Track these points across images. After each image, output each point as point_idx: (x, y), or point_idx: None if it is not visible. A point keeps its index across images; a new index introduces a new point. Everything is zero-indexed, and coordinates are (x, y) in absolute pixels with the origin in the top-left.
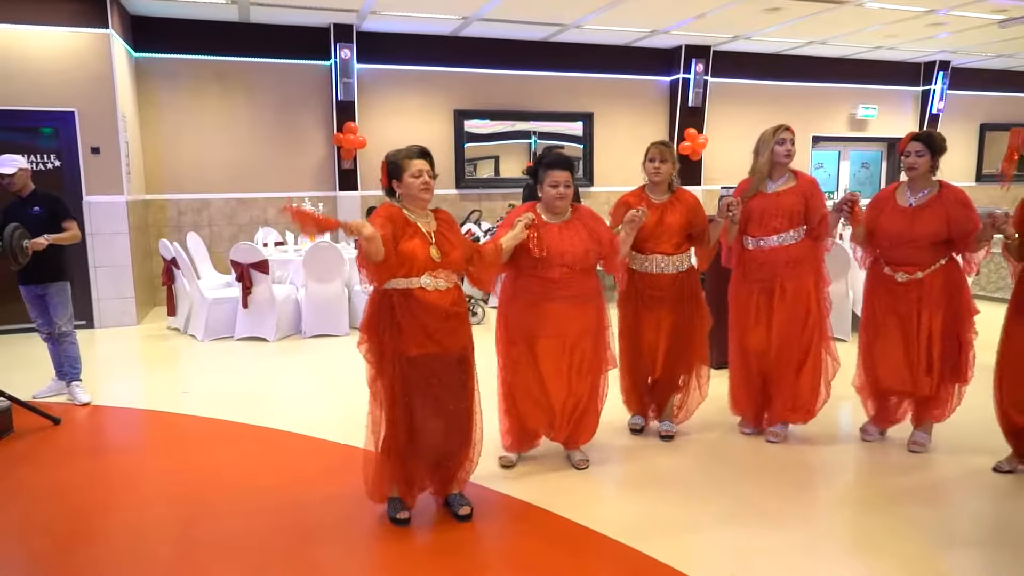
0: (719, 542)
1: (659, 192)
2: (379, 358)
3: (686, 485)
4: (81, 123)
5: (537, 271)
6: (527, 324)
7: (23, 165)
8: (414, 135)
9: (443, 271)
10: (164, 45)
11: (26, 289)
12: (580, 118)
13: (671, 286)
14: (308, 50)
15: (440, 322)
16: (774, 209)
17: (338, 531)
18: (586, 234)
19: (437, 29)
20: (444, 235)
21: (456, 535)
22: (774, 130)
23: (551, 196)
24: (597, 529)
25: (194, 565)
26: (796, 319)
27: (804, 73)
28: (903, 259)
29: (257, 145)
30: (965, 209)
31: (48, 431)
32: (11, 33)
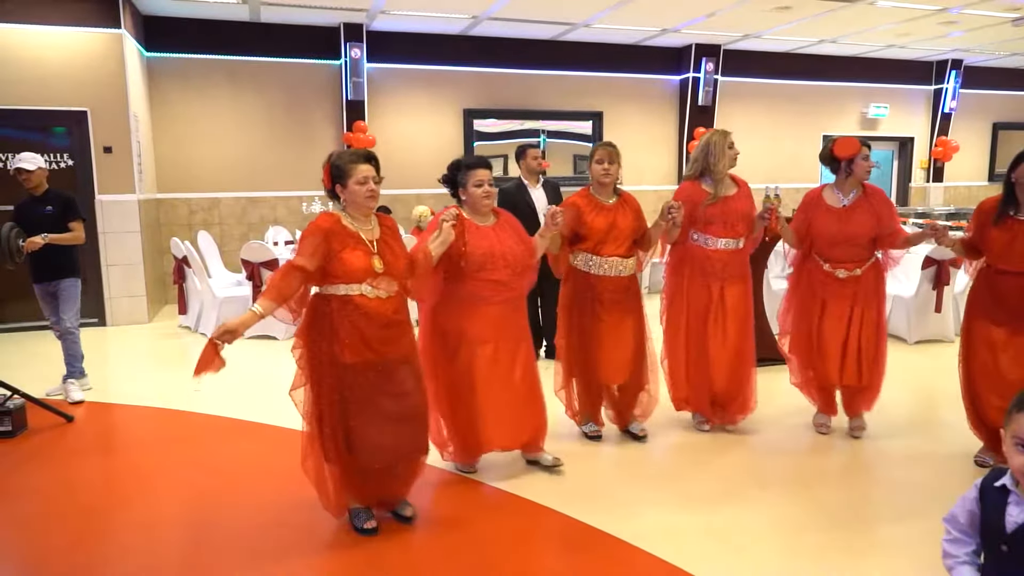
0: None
1: (607, 194)
2: (315, 364)
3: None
4: (94, 123)
5: (481, 274)
6: (465, 329)
7: (42, 164)
8: (423, 134)
9: (384, 279)
10: (176, 45)
11: (40, 287)
12: (589, 117)
13: (628, 288)
14: (318, 49)
15: (379, 330)
16: (736, 213)
17: (348, 529)
18: (516, 236)
19: (446, 28)
20: (387, 243)
21: (460, 534)
22: (723, 135)
23: (479, 195)
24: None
25: (205, 562)
26: (748, 317)
27: (815, 72)
28: (843, 257)
29: (267, 144)
30: (888, 207)
31: (61, 428)
32: (25, 33)
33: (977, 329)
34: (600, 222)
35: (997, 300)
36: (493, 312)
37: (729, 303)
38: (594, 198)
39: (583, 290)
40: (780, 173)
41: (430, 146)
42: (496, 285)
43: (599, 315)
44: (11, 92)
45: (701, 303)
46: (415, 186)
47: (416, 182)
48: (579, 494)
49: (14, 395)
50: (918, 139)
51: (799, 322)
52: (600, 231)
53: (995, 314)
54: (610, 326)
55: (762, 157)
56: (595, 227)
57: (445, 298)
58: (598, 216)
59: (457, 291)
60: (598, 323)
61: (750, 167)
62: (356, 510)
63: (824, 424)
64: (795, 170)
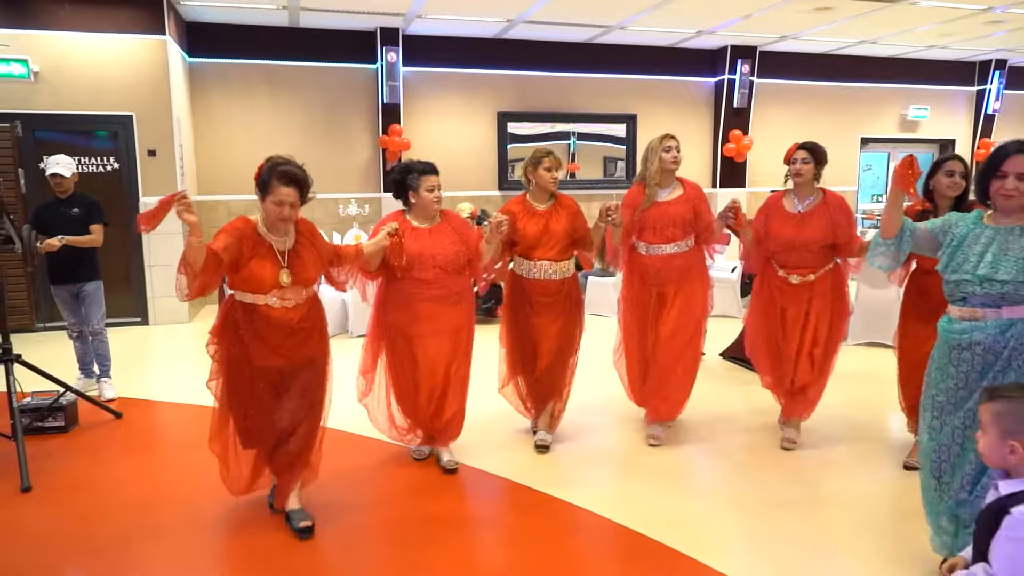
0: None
1: (543, 199)
2: (229, 362)
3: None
4: (139, 127)
5: (412, 273)
6: (404, 324)
7: (74, 169)
8: (458, 137)
9: (292, 289)
10: (217, 50)
11: (61, 289)
12: (623, 120)
13: (559, 292)
14: (355, 54)
15: (285, 337)
16: (668, 218)
17: (393, 529)
18: (456, 236)
19: (481, 32)
20: (299, 253)
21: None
22: (660, 138)
23: (429, 200)
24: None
25: (248, 556)
26: (687, 323)
27: (853, 73)
28: (796, 262)
29: (305, 147)
30: (846, 215)
31: (110, 424)
32: (75, 40)
33: (910, 329)
34: (532, 228)
35: (924, 298)
36: (425, 308)
37: (664, 308)
38: (529, 204)
39: (517, 293)
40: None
41: (464, 149)
42: (424, 283)
43: (529, 317)
44: (62, 97)
45: (639, 308)
46: (450, 188)
47: (451, 184)
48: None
49: (66, 392)
50: (960, 141)
51: (760, 328)
52: (531, 236)
53: (923, 311)
54: (538, 328)
55: None
56: (526, 232)
57: (388, 297)
58: (530, 221)
59: (396, 288)
60: (529, 326)
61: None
62: (291, 512)
63: (791, 439)
64: (832, 173)
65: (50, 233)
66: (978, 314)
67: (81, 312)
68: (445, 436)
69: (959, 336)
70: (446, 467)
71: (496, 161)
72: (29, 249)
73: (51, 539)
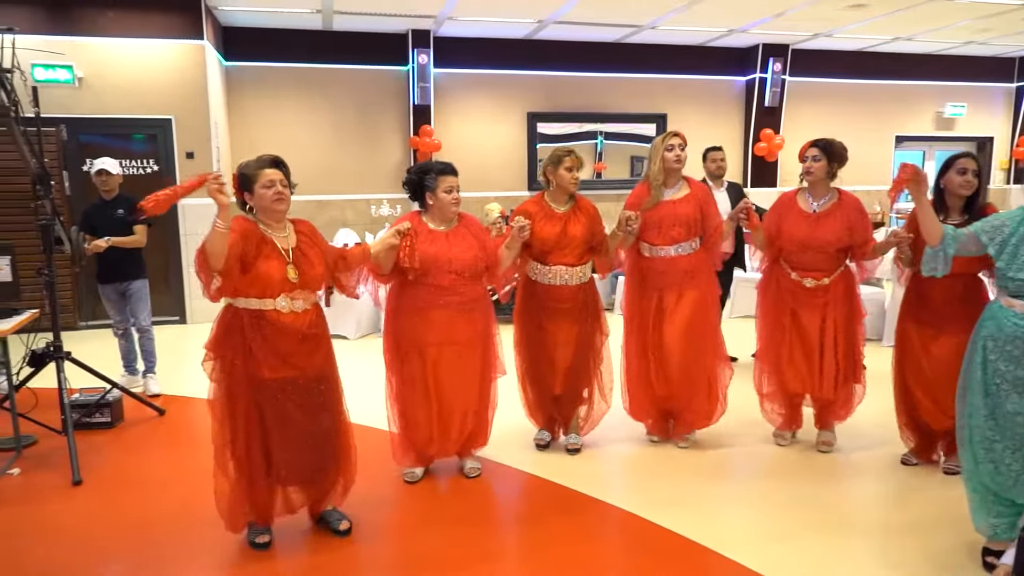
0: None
1: (562, 201)
2: (228, 379)
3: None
4: (178, 129)
5: (426, 278)
6: (417, 333)
7: (119, 169)
8: (487, 138)
9: (300, 292)
10: (252, 54)
11: (109, 287)
12: (653, 119)
13: (574, 297)
14: (386, 56)
15: (296, 345)
16: (672, 218)
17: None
18: (473, 241)
19: (512, 33)
20: (303, 251)
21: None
22: (663, 137)
23: (448, 201)
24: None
25: (292, 550)
26: (696, 327)
27: (888, 70)
28: (810, 264)
29: (337, 148)
30: (862, 216)
31: (153, 421)
32: (117, 46)
33: (909, 331)
34: (549, 230)
35: (924, 302)
36: (440, 316)
37: (667, 312)
38: (546, 205)
39: (532, 298)
40: (850, 175)
41: (494, 149)
42: (440, 290)
43: (542, 324)
44: (105, 101)
45: (642, 312)
46: (480, 188)
47: (480, 185)
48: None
49: (112, 388)
50: (998, 139)
51: (769, 332)
52: (548, 239)
53: (923, 315)
54: (551, 334)
55: None
56: (542, 235)
57: (401, 302)
58: (547, 224)
59: (408, 295)
60: (541, 332)
61: None
62: (251, 526)
63: (783, 437)
64: (866, 172)
65: (97, 234)
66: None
67: (127, 310)
68: (467, 448)
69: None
70: (468, 474)
71: (525, 161)
72: (77, 250)
73: (103, 531)
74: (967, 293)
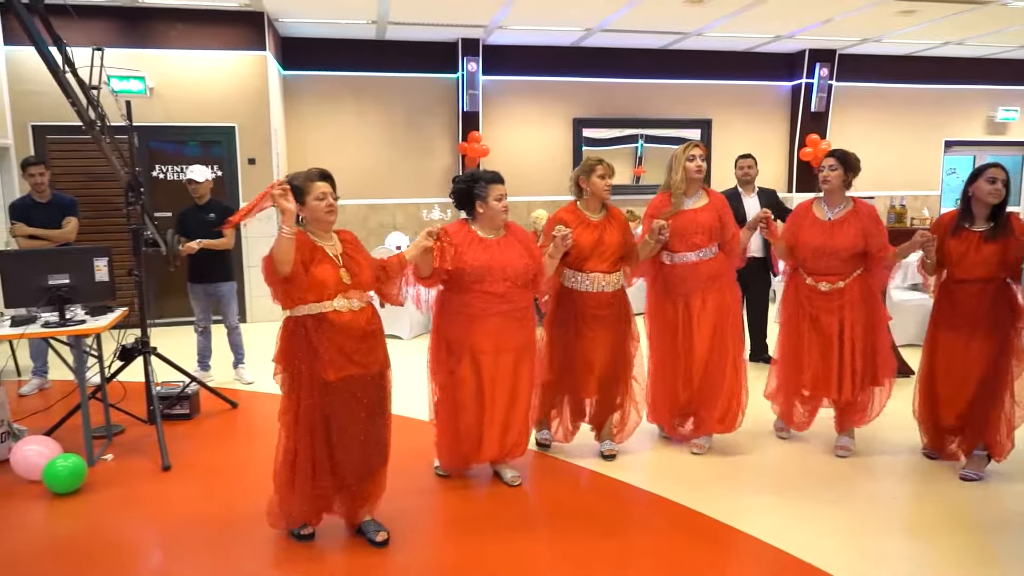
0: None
1: (595, 209)
2: (296, 386)
3: None
4: (240, 136)
5: (481, 285)
6: (472, 340)
7: (210, 176)
8: (534, 143)
9: (354, 291)
10: (309, 63)
11: (199, 287)
12: (698, 125)
13: (611, 304)
14: (437, 64)
15: (358, 342)
16: (694, 226)
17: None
18: (523, 249)
19: (559, 41)
20: (351, 256)
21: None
22: (684, 147)
23: (498, 209)
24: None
25: (346, 542)
26: (719, 332)
27: (938, 75)
28: (825, 270)
29: (388, 154)
30: (876, 224)
31: (228, 413)
32: (186, 57)
33: (940, 336)
34: (586, 238)
35: (955, 307)
36: (493, 324)
37: (694, 317)
38: (581, 213)
39: (567, 305)
40: (899, 180)
41: (541, 154)
42: (493, 297)
43: (580, 331)
44: (173, 110)
45: (667, 318)
46: (526, 193)
47: (527, 189)
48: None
49: (191, 382)
50: None
51: (787, 337)
52: (585, 247)
53: (953, 321)
54: (590, 341)
55: (879, 164)
56: (580, 243)
57: (449, 308)
58: (584, 231)
59: (459, 301)
60: (579, 339)
61: (866, 174)
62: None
63: (784, 428)
64: (915, 177)
65: (191, 237)
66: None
67: (210, 310)
68: (512, 455)
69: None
70: (511, 483)
71: (571, 167)
72: (172, 251)
73: (193, 511)
74: (998, 298)
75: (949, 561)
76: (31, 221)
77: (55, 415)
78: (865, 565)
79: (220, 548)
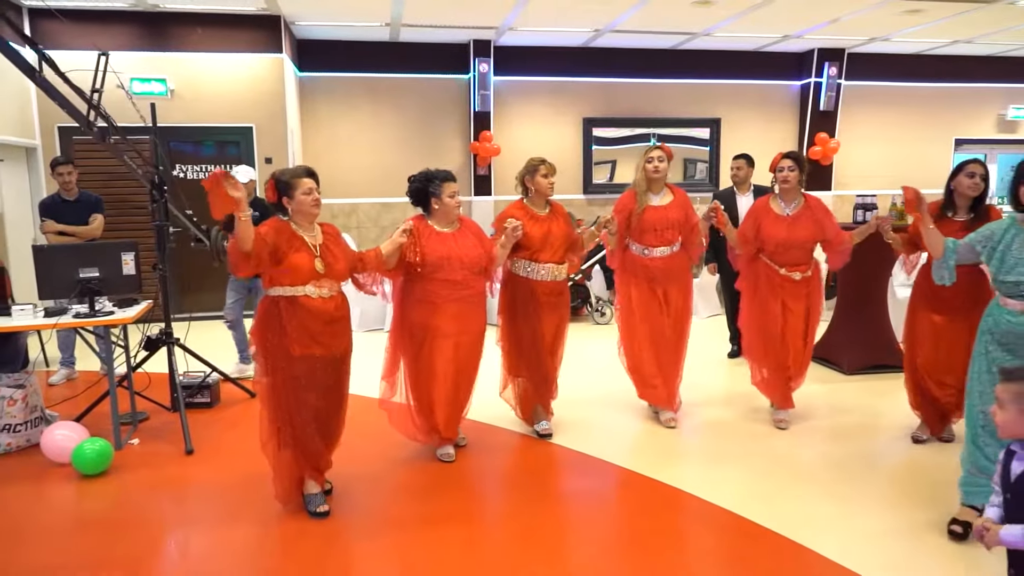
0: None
1: (541, 205)
2: (270, 359)
3: None
4: (258, 137)
5: (439, 274)
6: (433, 324)
7: (253, 176)
8: (544, 143)
9: (327, 280)
10: (324, 65)
11: (239, 282)
12: (707, 124)
13: (563, 291)
14: (449, 65)
15: (324, 326)
16: (665, 222)
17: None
18: (476, 240)
19: (569, 42)
20: (329, 248)
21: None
22: (646, 150)
23: (451, 205)
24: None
25: (381, 516)
26: (686, 314)
27: (947, 73)
28: (793, 260)
29: (400, 153)
30: (827, 215)
31: (247, 402)
32: (205, 60)
33: (920, 318)
34: (536, 231)
35: (936, 292)
36: (453, 309)
37: (672, 304)
38: (529, 209)
39: (524, 293)
40: (909, 179)
41: (551, 153)
42: (453, 284)
43: (539, 315)
44: (193, 111)
45: (653, 305)
46: None
47: None
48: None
49: (212, 372)
50: None
51: (761, 324)
52: (536, 239)
53: (935, 303)
54: (546, 323)
55: (889, 163)
56: (531, 235)
57: (412, 296)
58: (534, 225)
59: (421, 290)
60: (538, 322)
61: (874, 173)
62: (309, 496)
63: (784, 420)
64: (924, 175)
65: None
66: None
67: (242, 303)
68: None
69: (1022, 327)
70: (459, 442)
71: (581, 165)
72: (217, 248)
73: (215, 491)
74: (972, 283)
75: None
76: (60, 218)
77: (82, 403)
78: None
79: (238, 525)
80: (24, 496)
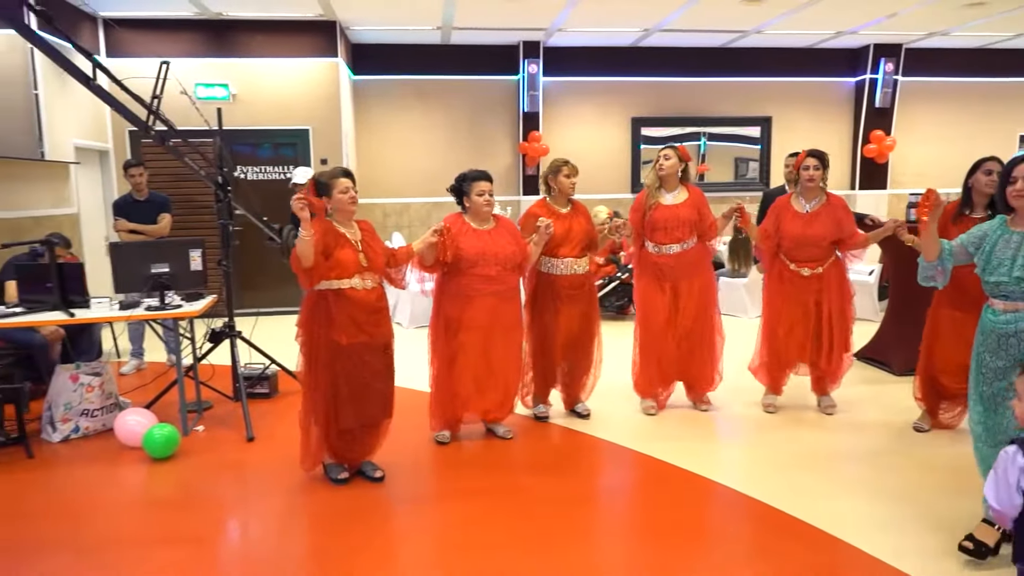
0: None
1: (563, 204)
2: (313, 347)
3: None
4: (314, 139)
5: (475, 269)
6: (467, 316)
7: (311, 176)
8: (593, 142)
9: (369, 273)
10: (377, 68)
11: None
12: (758, 122)
13: (583, 284)
14: (498, 67)
15: (368, 315)
16: (676, 221)
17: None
18: (511, 238)
19: (618, 41)
20: (368, 243)
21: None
22: (660, 150)
23: (480, 203)
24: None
25: (434, 501)
26: (704, 309)
27: (1009, 67)
28: (806, 257)
29: (451, 154)
30: (847, 214)
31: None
32: (264, 65)
33: (942, 315)
34: (558, 228)
35: (959, 289)
36: (486, 303)
37: (682, 299)
38: (551, 207)
39: (544, 288)
40: None
41: (599, 153)
42: (487, 279)
43: (558, 308)
44: (253, 115)
45: (657, 302)
46: (586, 191)
47: (587, 188)
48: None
49: (271, 364)
50: None
51: (772, 315)
52: (557, 235)
53: (957, 301)
54: (565, 316)
55: (947, 160)
56: (553, 233)
57: (448, 291)
58: (556, 223)
59: (457, 284)
60: (557, 315)
61: (932, 171)
62: (329, 465)
63: (772, 404)
64: None
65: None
66: (1020, 306)
67: None
68: (497, 416)
69: (1005, 326)
70: (504, 436)
71: (629, 164)
72: (286, 246)
73: (275, 477)
74: None
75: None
76: (131, 217)
77: (151, 391)
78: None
79: (292, 505)
80: (100, 476)
